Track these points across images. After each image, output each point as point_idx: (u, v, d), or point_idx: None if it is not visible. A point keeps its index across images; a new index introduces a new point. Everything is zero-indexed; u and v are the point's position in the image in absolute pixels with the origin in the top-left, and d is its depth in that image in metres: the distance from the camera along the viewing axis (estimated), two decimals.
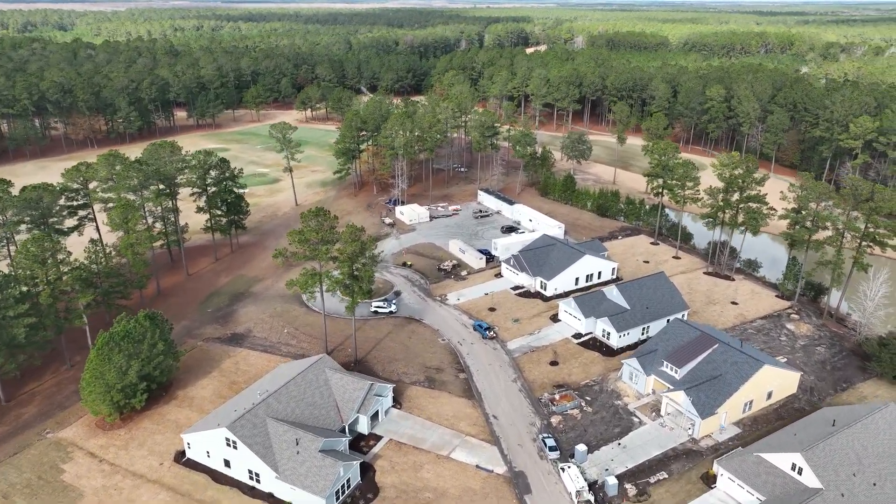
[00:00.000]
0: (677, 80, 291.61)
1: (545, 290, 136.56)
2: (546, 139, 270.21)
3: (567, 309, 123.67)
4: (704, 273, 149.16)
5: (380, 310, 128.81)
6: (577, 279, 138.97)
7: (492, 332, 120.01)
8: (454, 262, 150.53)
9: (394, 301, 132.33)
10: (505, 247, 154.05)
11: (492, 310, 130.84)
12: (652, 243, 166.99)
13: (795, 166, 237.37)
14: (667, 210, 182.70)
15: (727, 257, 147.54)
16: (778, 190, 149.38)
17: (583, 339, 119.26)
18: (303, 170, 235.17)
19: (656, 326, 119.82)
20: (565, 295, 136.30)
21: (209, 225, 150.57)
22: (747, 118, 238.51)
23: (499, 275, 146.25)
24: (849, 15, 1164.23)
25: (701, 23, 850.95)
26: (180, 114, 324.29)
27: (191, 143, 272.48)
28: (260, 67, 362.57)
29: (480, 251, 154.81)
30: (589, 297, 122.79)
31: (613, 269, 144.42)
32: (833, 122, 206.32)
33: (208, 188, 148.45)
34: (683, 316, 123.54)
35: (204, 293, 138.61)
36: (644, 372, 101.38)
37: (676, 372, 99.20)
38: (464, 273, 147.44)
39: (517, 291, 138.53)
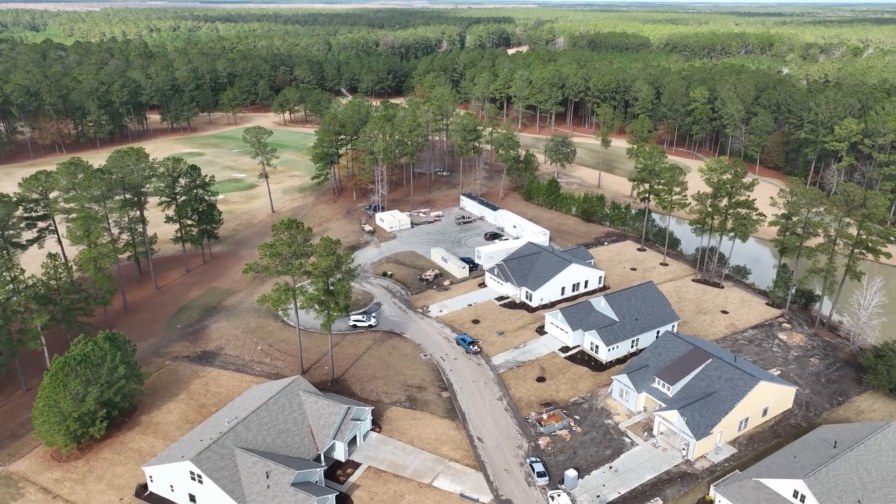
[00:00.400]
0: (660, 82, 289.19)
1: (531, 300, 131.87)
2: (529, 142, 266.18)
3: (553, 321, 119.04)
4: (693, 280, 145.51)
5: (359, 324, 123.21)
6: (563, 289, 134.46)
7: (476, 347, 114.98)
8: (436, 271, 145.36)
9: (373, 314, 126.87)
10: (488, 255, 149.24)
11: (475, 322, 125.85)
12: (639, 249, 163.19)
13: (780, 168, 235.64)
14: (653, 215, 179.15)
15: (716, 264, 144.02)
16: (764, 193, 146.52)
17: (570, 353, 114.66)
18: (280, 175, 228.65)
19: (646, 339, 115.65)
20: (551, 305, 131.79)
21: (179, 235, 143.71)
22: (731, 120, 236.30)
23: (482, 284, 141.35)
24: (825, 16, 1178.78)
25: (681, 23, 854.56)
26: (154, 117, 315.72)
27: (165, 148, 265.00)
28: (236, 69, 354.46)
29: (463, 260, 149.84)
30: (576, 309, 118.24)
31: (600, 277, 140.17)
32: (818, 123, 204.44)
33: (178, 197, 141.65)
34: (674, 327, 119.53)
35: (173, 308, 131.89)
36: (635, 389, 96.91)
37: (669, 389, 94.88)
38: (446, 283, 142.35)
39: (502, 302, 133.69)
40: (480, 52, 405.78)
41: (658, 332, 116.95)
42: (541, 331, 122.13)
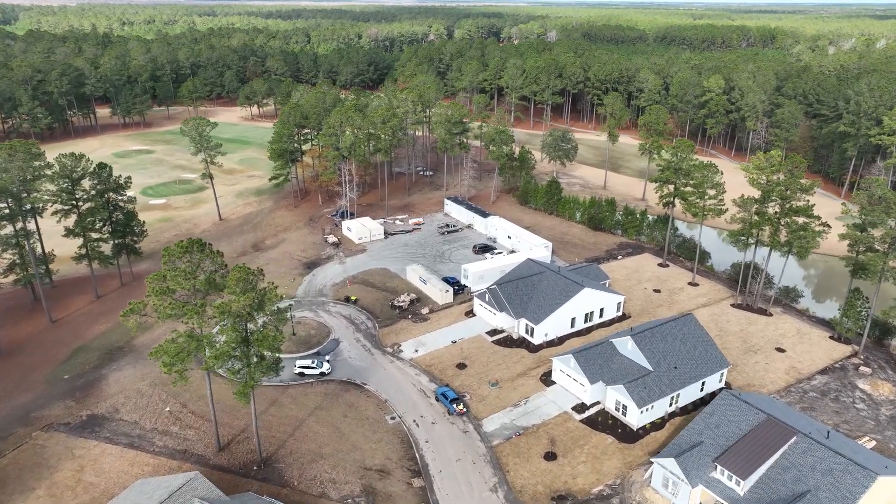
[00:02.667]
0: (668, 71, 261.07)
1: (532, 336, 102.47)
2: (523, 138, 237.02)
3: (564, 369, 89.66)
4: (733, 306, 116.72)
5: (307, 371, 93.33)
6: (573, 320, 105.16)
7: (461, 405, 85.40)
8: (412, 295, 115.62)
9: (327, 357, 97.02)
10: (478, 275, 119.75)
11: (461, 367, 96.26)
12: (660, 265, 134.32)
13: (808, 167, 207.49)
14: (675, 222, 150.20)
15: (761, 285, 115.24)
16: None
17: (588, 414, 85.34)
18: (237, 175, 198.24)
19: (688, 394, 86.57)
20: (559, 342, 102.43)
21: (83, 252, 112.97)
22: (753, 112, 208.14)
23: (470, 313, 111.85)
24: (816, 13, 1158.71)
25: (675, 19, 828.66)
26: (105, 111, 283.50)
27: (112, 144, 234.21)
28: (201, 59, 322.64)
29: (446, 281, 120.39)
30: (595, 353, 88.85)
31: (619, 303, 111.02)
32: (860, 114, 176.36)
33: (79, 204, 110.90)
34: (722, 377, 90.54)
35: (67, 349, 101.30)
36: (687, 480, 67.63)
37: (739, 483, 65.69)
38: (425, 311, 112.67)
39: (495, 338, 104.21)
40: (468, 42, 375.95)
41: (703, 383, 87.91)
42: (547, 380, 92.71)
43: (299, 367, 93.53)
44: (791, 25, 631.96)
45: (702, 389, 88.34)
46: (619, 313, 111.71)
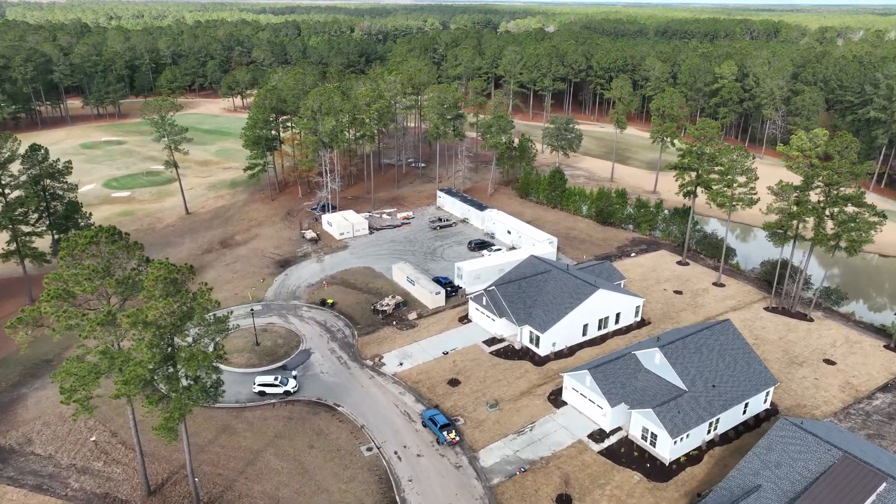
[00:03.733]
0: (675, 59, 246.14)
1: (537, 345, 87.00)
2: (522, 130, 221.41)
3: (578, 388, 74.22)
4: (766, 309, 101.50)
5: (269, 390, 77.69)
6: (585, 327, 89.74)
7: (453, 433, 69.90)
8: (398, 298, 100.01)
9: (294, 373, 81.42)
10: (474, 274, 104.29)
11: (454, 383, 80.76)
12: (679, 263, 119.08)
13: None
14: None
15: (799, 286, 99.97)
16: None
17: (609, 444, 69.90)
18: (213, 167, 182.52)
19: (729, 419, 71.21)
20: (569, 353, 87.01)
21: (12, 249, 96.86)
22: (770, 99, 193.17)
23: (465, 319, 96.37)
24: (814, 10, 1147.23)
25: (676, 14, 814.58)
26: (78, 103, 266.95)
27: (79, 135, 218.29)
28: (183, 49, 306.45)
29: (437, 281, 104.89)
30: (615, 369, 73.42)
31: (638, 307, 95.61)
32: (893, 98, 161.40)
33: (6, 192, 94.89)
34: (767, 396, 75.25)
35: None
36: None
37: None
38: (412, 316, 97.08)
39: (493, 347, 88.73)
40: (465, 32, 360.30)
41: (746, 404, 72.56)
42: (557, 400, 77.25)
43: (259, 385, 77.89)
44: (794, 20, 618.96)
45: (744, 412, 73.00)
46: (638, 318, 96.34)
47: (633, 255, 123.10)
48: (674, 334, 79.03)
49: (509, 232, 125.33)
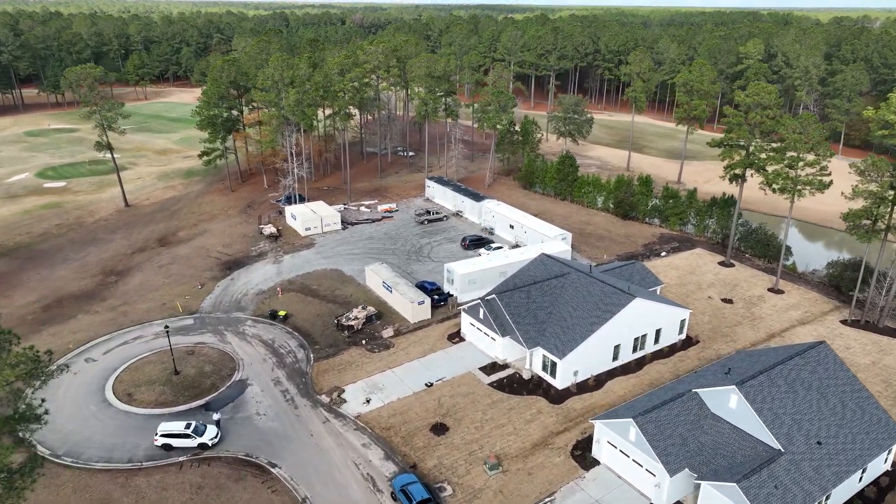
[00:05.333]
0: (691, 41, 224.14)
1: (553, 374, 64.21)
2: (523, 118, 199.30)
3: (617, 442, 51.43)
4: (844, 323, 78.96)
5: (177, 442, 54.80)
6: (616, 348, 67.00)
7: None
8: (370, 309, 77.22)
9: (216, 416, 58.50)
10: (468, 278, 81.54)
11: (440, 430, 58.01)
12: (722, 264, 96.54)
13: (871, 145, 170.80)
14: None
15: (891, 295, 77.25)
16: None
17: None
18: (173, 155, 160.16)
19: (841, 493, 48.43)
20: (596, 384, 64.31)
21: None
22: (805, 79, 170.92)
23: (456, 337, 73.60)
24: (813, 11, 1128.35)
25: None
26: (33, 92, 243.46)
27: (28, 122, 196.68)
28: (155, 34, 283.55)
29: (423, 287, 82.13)
30: (671, 415, 50.62)
31: (683, 321, 72.90)
32: None
33: None
34: (889, 456, 52.42)
35: None
36: None
37: None
38: (387, 333, 74.27)
39: (493, 378, 65.95)
40: (461, 18, 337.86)
41: (864, 469, 49.79)
42: (585, 456, 54.45)
43: (163, 436, 54.98)
44: (802, 15, 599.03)
45: (860, 479, 50.27)
46: (682, 336, 73.71)
47: (663, 254, 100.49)
48: (746, 362, 56.44)
49: (512, 226, 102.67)
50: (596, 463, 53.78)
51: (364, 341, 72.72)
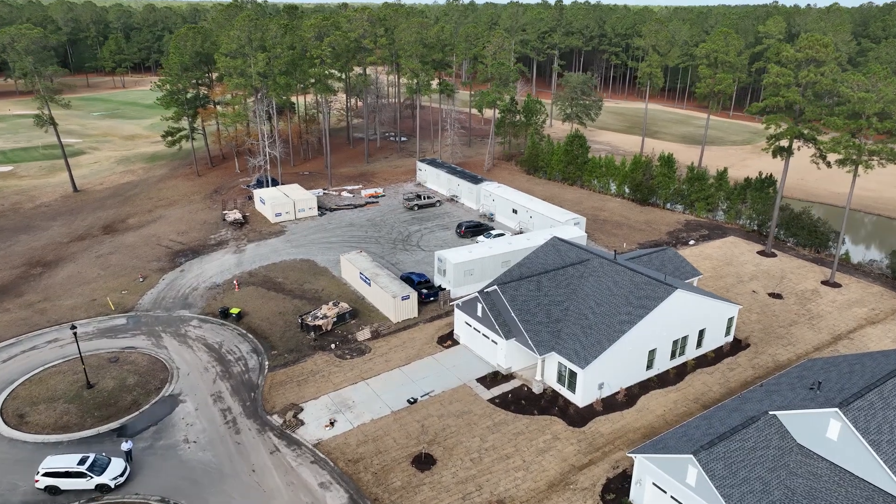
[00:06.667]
0: (703, 25, 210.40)
1: (572, 388, 49.71)
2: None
3: (668, 486, 36.86)
4: None
5: (66, 484, 40.18)
6: (651, 353, 52.53)
7: None
8: (342, 306, 62.73)
9: (127, 446, 43.85)
10: (463, 268, 67.01)
11: (424, 463, 43.47)
12: (761, 253, 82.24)
13: None
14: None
15: None
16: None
17: None
18: (140, 140, 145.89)
19: None
20: (627, 401, 49.86)
21: None
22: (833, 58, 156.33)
23: (448, 339, 59.10)
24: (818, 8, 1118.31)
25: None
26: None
27: None
28: (135, 21, 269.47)
29: (408, 280, 67.69)
30: (743, 449, 36.07)
31: (731, 320, 58.42)
32: None
33: None
34: None
35: None
36: None
37: None
38: (363, 335, 59.76)
39: (495, 391, 51.45)
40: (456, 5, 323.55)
41: None
42: (617, 500, 39.89)
43: (46, 475, 40.45)
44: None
45: None
46: (730, 338, 59.28)
47: (691, 242, 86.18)
48: (832, 374, 42.04)
49: (515, 211, 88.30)
50: None
51: (334, 345, 58.28)
